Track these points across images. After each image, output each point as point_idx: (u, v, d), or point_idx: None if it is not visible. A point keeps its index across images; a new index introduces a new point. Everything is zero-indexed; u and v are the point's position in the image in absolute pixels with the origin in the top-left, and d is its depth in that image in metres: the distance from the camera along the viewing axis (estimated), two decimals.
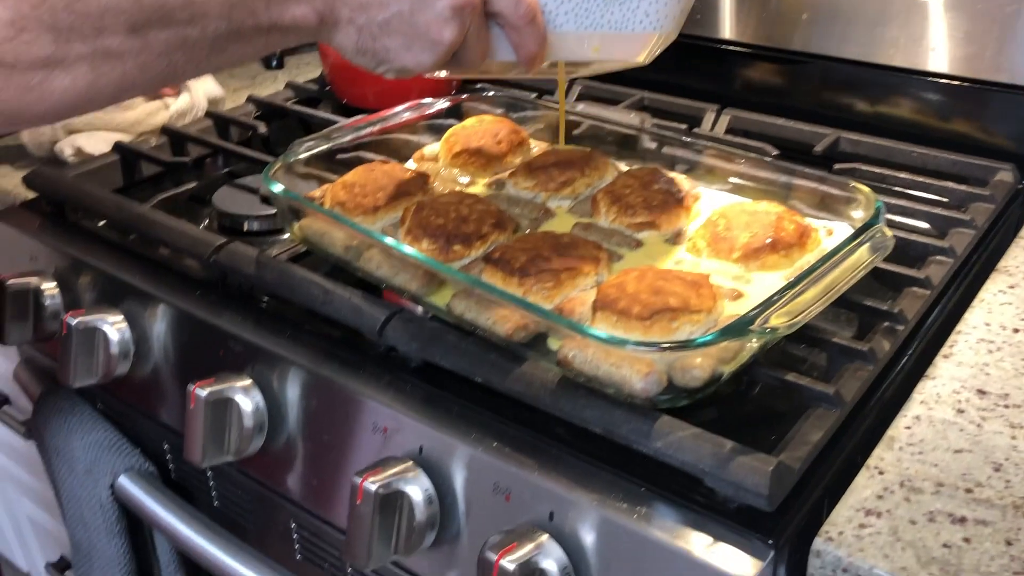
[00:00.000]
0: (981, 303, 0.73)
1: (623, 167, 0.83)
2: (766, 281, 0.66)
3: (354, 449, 0.67)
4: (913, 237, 0.77)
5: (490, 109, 0.91)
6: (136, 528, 0.86)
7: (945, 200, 0.85)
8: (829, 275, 0.60)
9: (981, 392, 0.64)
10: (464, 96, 0.91)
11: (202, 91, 1.09)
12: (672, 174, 0.76)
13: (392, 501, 0.61)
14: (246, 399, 0.70)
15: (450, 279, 0.64)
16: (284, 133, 1.09)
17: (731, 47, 1.08)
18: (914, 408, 0.63)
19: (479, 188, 0.81)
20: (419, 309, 0.70)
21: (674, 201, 0.73)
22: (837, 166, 0.91)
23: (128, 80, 0.53)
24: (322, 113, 1.07)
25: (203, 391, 0.69)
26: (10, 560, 1.60)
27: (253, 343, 0.72)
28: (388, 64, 0.61)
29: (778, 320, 0.54)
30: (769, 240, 0.66)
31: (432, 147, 0.89)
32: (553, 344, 0.61)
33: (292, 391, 0.70)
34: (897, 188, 0.88)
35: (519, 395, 0.61)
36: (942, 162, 0.91)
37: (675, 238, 0.72)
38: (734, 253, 0.67)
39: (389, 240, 0.66)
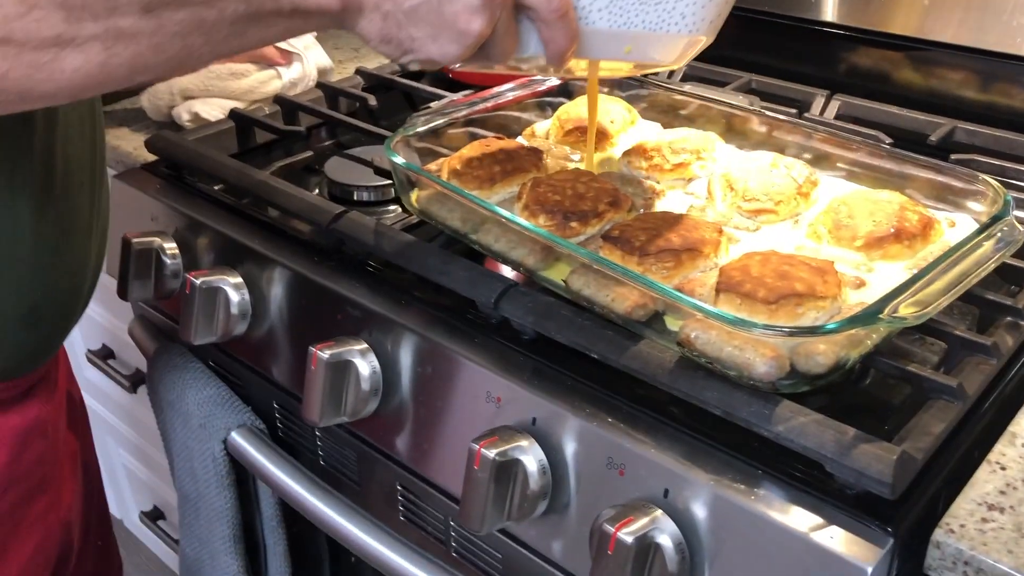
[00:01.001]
0: None
1: (735, 150, 0.83)
2: (888, 271, 0.65)
3: (467, 416, 0.69)
4: None
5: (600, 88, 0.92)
6: (242, 481, 0.89)
7: None
8: (957, 267, 0.60)
9: None
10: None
11: (313, 61, 1.12)
12: (789, 160, 0.76)
13: (508, 469, 0.62)
14: (363, 363, 0.72)
15: (572, 255, 0.65)
16: (390, 105, 1.12)
17: (841, 31, 1.06)
18: None
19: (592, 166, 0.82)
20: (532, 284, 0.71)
21: (794, 187, 0.72)
22: (954, 157, 0.89)
23: (141, 61, 0.51)
24: (428, 87, 1.08)
25: (324, 353, 0.71)
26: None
27: (369, 308, 0.74)
28: (413, 54, 0.58)
29: (907, 310, 0.54)
30: (893, 229, 0.66)
31: (543, 124, 0.90)
32: (672, 324, 0.61)
33: (406, 357, 0.72)
34: (1017, 182, 0.86)
35: (636, 372, 0.62)
36: None
37: (794, 223, 0.72)
38: (856, 241, 0.67)
39: (508, 213, 0.68)
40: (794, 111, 0.99)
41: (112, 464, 1.54)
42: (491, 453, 0.61)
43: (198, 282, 0.81)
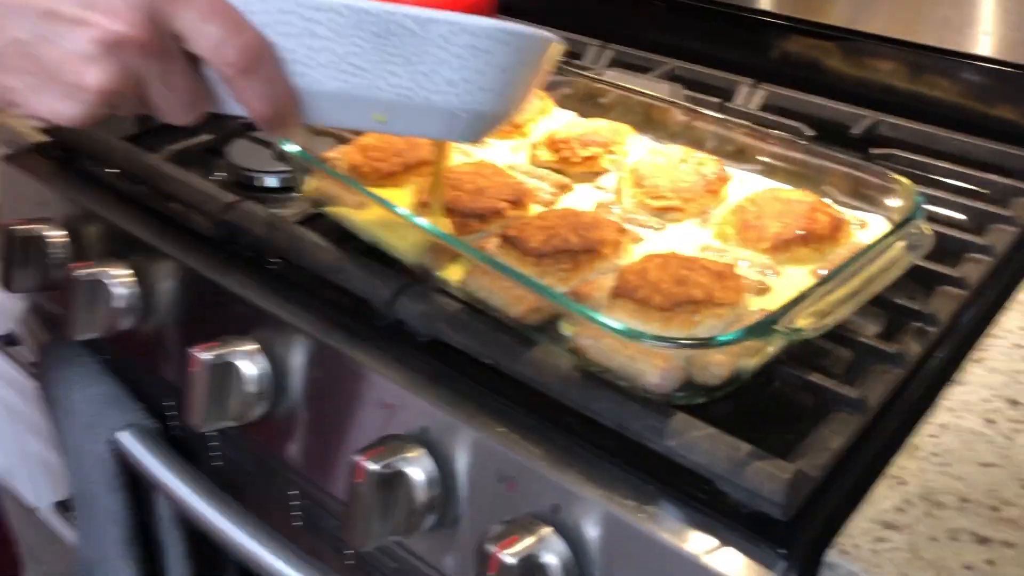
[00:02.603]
0: (1019, 305, 0.70)
1: (649, 142, 0.80)
2: (795, 275, 0.63)
3: (358, 423, 0.66)
4: (950, 232, 0.73)
5: None
6: (137, 484, 0.85)
7: (986, 192, 0.82)
8: (861, 273, 0.57)
9: (1013, 402, 0.61)
10: None
11: None
12: (701, 154, 0.73)
13: (392, 481, 0.59)
14: (249, 364, 0.68)
15: (463, 255, 0.62)
16: None
17: (770, 19, 1.03)
18: (941, 415, 0.60)
19: (500, 151, 0.79)
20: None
21: (702, 184, 0.70)
22: (874, 151, 0.87)
23: None
24: None
25: (205, 355, 0.67)
26: (20, 495, 1.61)
27: (260, 307, 0.70)
28: (20, 108, 0.46)
29: (804, 321, 0.52)
30: (801, 232, 0.63)
31: None
32: (567, 329, 0.58)
33: (297, 359, 0.69)
34: (936, 177, 0.84)
35: (528, 380, 0.59)
36: (985, 152, 0.87)
37: (702, 221, 0.69)
38: (763, 243, 0.64)
39: (400, 210, 0.64)
40: (717, 100, 0.96)
41: (27, 452, 1.49)
42: (373, 466, 0.58)
43: (79, 275, 0.76)
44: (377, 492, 0.58)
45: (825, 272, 0.62)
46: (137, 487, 0.85)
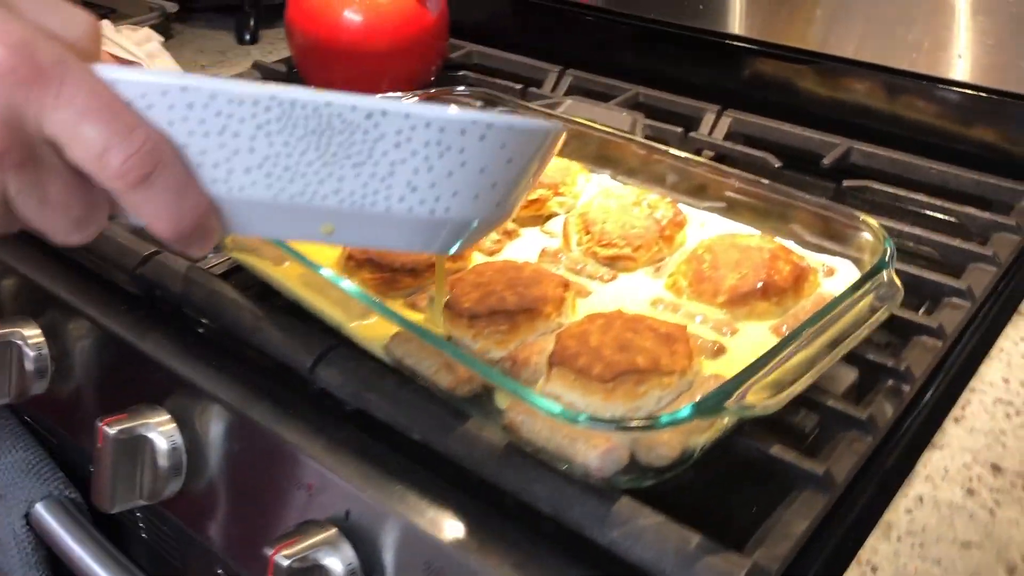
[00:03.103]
0: (1000, 354, 0.64)
1: (604, 179, 0.74)
2: (754, 333, 0.57)
3: (277, 504, 0.59)
4: (926, 274, 0.67)
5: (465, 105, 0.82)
6: (57, 561, 0.78)
7: (965, 227, 0.76)
8: (825, 334, 0.52)
9: (996, 468, 0.56)
10: (433, 91, 0.82)
11: (155, 69, 1.00)
12: (654, 196, 0.67)
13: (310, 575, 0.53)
14: (161, 437, 0.62)
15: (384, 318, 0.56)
16: None
17: (738, 42, 0.98)
18: (917, 486, 0.54)
19: None
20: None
21: (655, 230, 0.64)
22: (847, 182, 0.81)
23: None
24: None
25: (112, 428, 0.61)
26: None
27: (175, 372, 0.64)
28: None
29: (758, 395, 0.46)
30: (760, 284, 0.58)
31: None
32: (501, 402, 0.53)
33: (215, 430, 0.62)
34: (912, 209, 0.79)
35: (460, 460, 0.53)
36: (964, 182, 0.81)
37: (655, 270, 0.64)
38: (719, 296, 0.58)
39: (325, 271, 0.58)
40: (680, 129, 0.91)
41: None
42: (286, 561, 0.51)
43: None
44: None
45: (786, 329, 0.57)
46: (57, 564, 0.78)
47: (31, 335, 0.72)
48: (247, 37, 1.25)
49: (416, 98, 0.81)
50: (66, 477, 0.78)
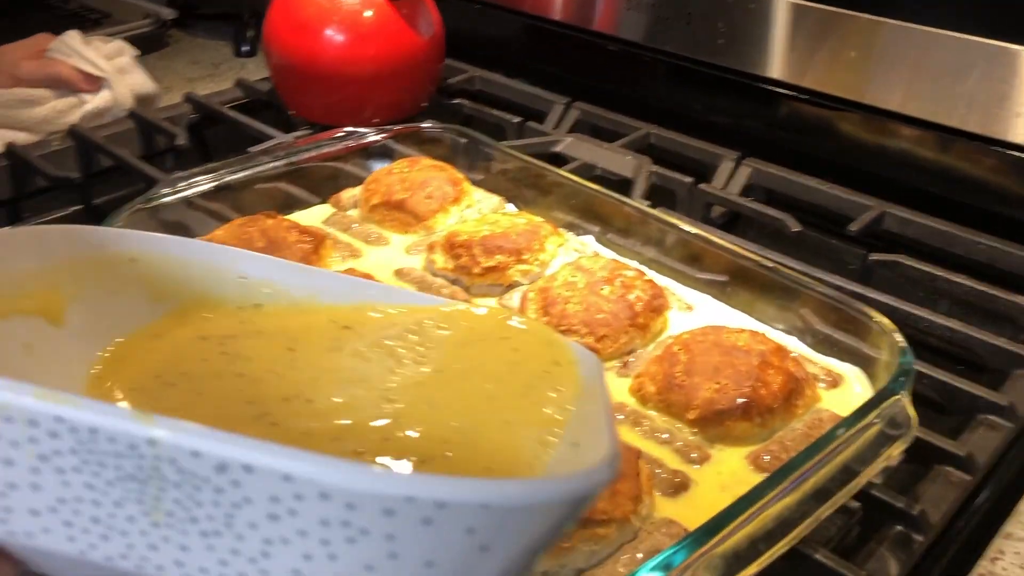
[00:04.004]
0: None
1: (579, 241, 0.64)
2: (728, 461, 0.46)
3: None
4: (958, 383, 0.56)
5: (431, 150, 0.73)
6: None
7: (1013, 319, 0.64)
8: (808, 480, 0.41)
9: None
10: (398, 127, 0.72)
11: (128, 86, 0.93)
12: (632, 272, 0.57)
13: None
14: None
15: None
16: (222, 142, 0.92)
17: (770, 85, 0.86)
18: None
19: (395, 251, 0.63)
20: None
21: (626, 316, 0.53)
22: (874, 256, 0.70)
23: None
24: (259, 124, 0.88)
25: None
26: None
27: None
28: None
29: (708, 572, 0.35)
30: (741, 401, 0.47)
31: (353, 191, 0.70)
32: None
33: None
34: (950, 291, 0.67)
35: None
36: (1015, 260, 0.69)
37: (622, 364, 0.53)
38: (690, 412, 0.47)
39: None
40: (690, 180, 0.80)
41: None
42: None
43: None
44: None
45: (768, 459, 0.46)
46: None
47: None
48: (244, 48, 1.17)
49: (379, 137, 0.71)
50: None
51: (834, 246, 0.74)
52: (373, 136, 0.71)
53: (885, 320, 0.50)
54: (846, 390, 0.51)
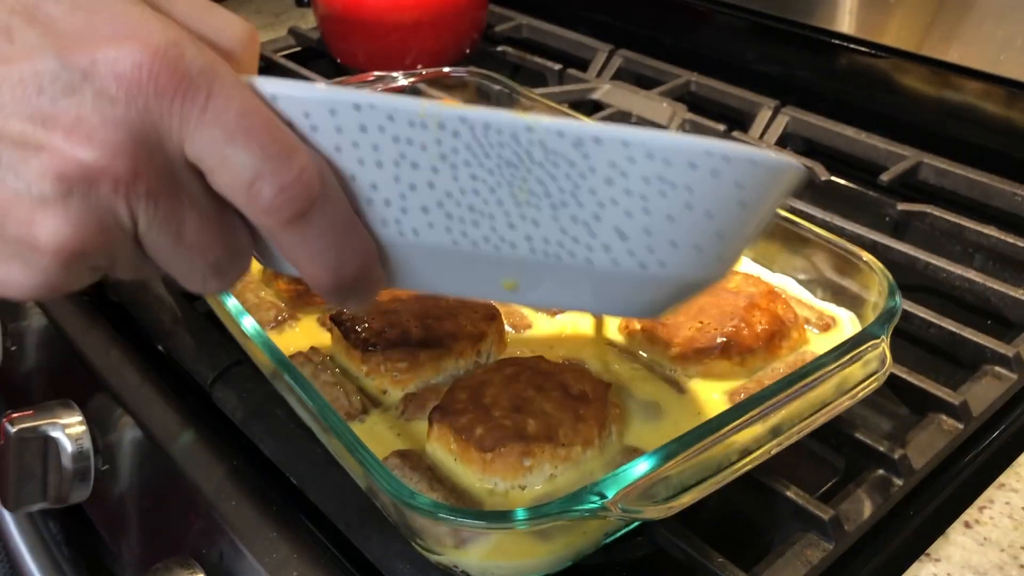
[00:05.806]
0: None
1: None
2: (704, 395, 0.47)
3: (167, 530, 0.54)
4: (967, 333, 0.55)
5: (457, 95, 0.74)
6: None
7: None
8: (773, 416, 0.41)
9: None
10: (425, 72, 0.74)
11: None
12: None
13: None
14: (67, 440, 0.58)
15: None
16: None
17: (831, 39, 0.83)
18: None
19: None
20: None
21: None
22: (902, 206, 0.68)
23: None
24: (309, 72, 0.91)
25: (14, 426, 0.57)
26: None
27: (96, 373, 0.60)
28: None
29: (639, 505, 0.36)
30: (721, 340, 0.47)
31: None
32: None
33: (123, 438, 0.57)
34: (978, 246, 0.65)
35: (330, 515, 0.46)
36: None
37: None
38: (671, 348, 0.48)
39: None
40: (723, 127, 0.79)
41: None
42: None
43: None
44: None
45: (744, 397, 0.46)
46: None
47: None
48: None
49: (407, 82, 0.73)
50: None
51: (866, 196, 0.73)
52: (402, 80, 0.73)
53: (875, 261, 0.49)
54: (836, 333, 0.50)
